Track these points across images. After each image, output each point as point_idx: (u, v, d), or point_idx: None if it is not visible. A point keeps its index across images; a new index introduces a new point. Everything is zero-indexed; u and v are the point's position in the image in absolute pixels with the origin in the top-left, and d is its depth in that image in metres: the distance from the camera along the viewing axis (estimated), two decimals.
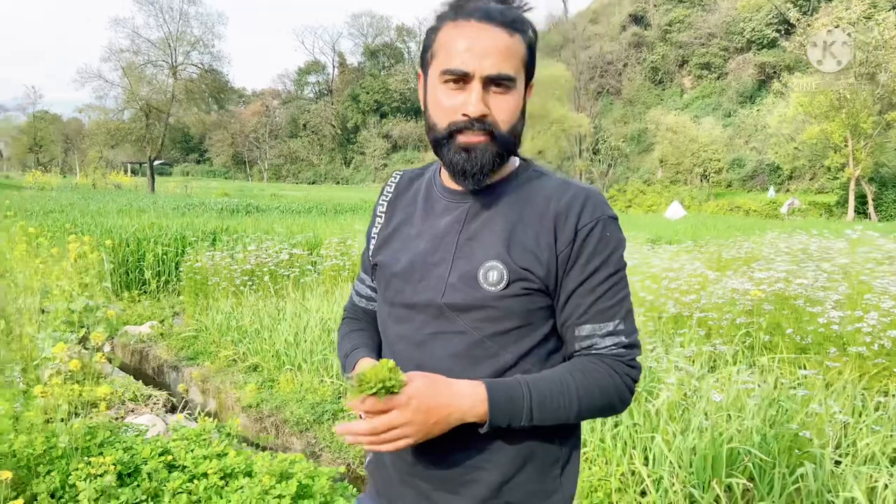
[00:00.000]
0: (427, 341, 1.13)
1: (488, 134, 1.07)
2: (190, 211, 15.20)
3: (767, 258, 5.99)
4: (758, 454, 2.98)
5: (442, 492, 1.14)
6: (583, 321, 1.11)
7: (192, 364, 5.31)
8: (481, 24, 1.05)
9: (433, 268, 1.14)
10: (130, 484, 3.01)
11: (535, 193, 1.15)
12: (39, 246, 5.75)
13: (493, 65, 1.05)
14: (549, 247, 1.10)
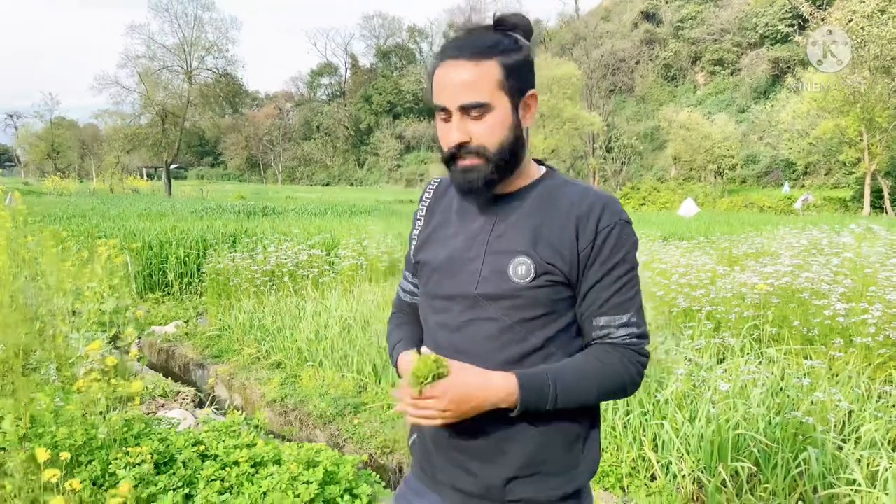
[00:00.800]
0: (463, 327, 1.29)
1: (479, 155, 1.23)
2: (208, 214, 15.46)
3: (776, 253, 6.09)
4: (763, 440, 3.10)
5: (476, 462, 1.29)
6: (600, 313, 1.26)
7: (217, 362, 5.50)
8: (451, 62, 1.22)
9: (468, 263, 1.30)
10: (166, 472, 3.19)
11: (559, 198, 1.30)
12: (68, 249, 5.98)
13: (463, 95, 1.20)
14: (572, 245, 1.24)
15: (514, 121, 1.25)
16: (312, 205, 22.82)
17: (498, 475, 1.28)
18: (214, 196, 32.18)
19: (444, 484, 1.35)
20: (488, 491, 1.29)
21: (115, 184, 37.01)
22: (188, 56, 36.73)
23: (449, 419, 1.17)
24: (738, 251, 7.44)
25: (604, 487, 3.19)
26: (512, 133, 1.25)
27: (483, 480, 1.29)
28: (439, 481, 1.36)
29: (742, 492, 3.01)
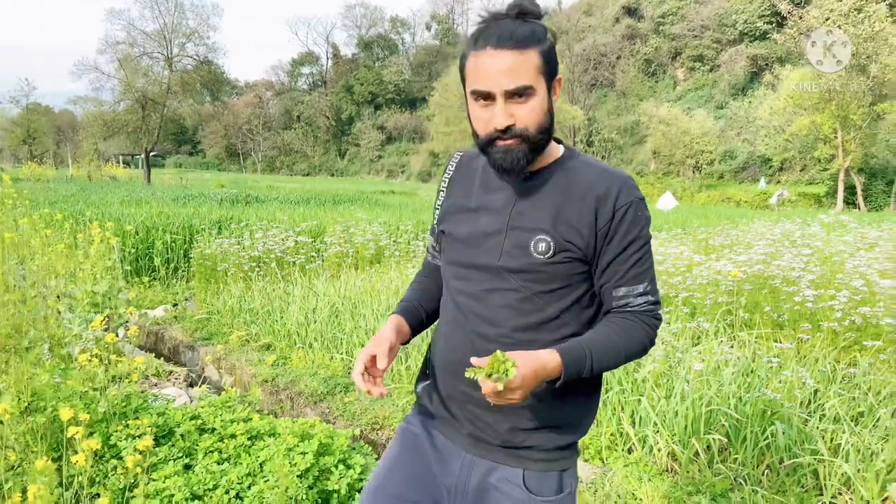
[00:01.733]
0: (483, 295, 1.43)
1: (519, 137, 1.35)
2: (191, 201, 15.43)
3: (749, 243, 6.31)
4: (734, 415, 3.30)
5: (490, 414, 1.44)
6: (619, 284, 1.39)
7: (207, 344, 5.60)
8: (496, 50, 1.30)
9: (491, 237, 1.42)
10: (166, 444, 3.31)
11: (579, 178, 1.40)
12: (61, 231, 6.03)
13: (509, 81, 1.30)
14: (590, 224, 1.36)
15: (549, 104, 1.37)
16: (295, 194, 22.80)
17: (509, 425, 1.44)
18: (194, 184, 31.96)
19: (456, 429, 1.51)
20: (497, 437, 1.45)
21: (92, 171, 36.52)
22: (168, 43, 36.34)
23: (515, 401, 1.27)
24: (715, 242, 7.68)
25: (584, 459, 3.37)
26: (548, 115, 1.37)
27: (495, 429, 1.44)
28: (451, 426, 1.52)
29: (713, 462, 3.21)
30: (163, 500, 2.79)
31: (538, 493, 1.44)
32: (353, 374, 1.44)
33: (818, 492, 2.98)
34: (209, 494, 2.85)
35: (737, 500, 2.91)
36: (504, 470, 1.45)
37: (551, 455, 1.45)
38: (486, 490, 1.47)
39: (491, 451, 1.47)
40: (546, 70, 1.34)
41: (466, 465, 1.49)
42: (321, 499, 2.95)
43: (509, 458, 1.45)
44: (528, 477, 1.44)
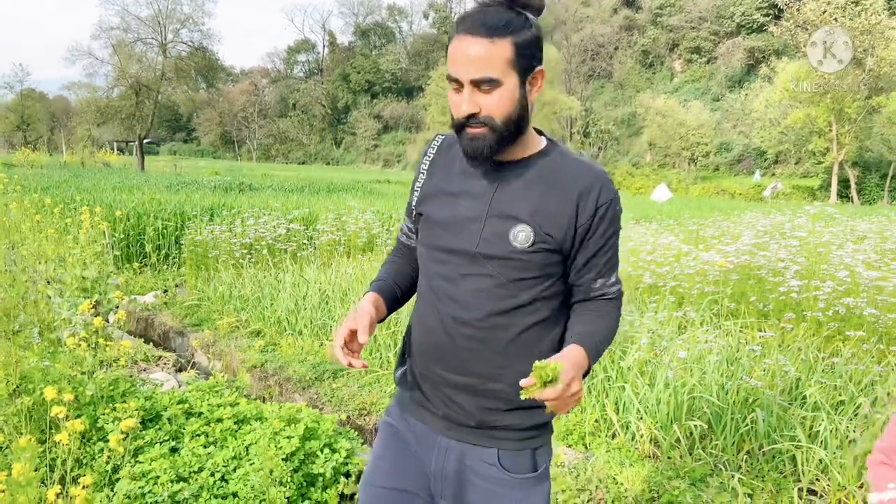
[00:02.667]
0: (460, 279, 1.45)
1: (485, 126, 1.36)
2: (183, 188, 15.40)
3: (738, 234, 6.35)
4: (715, 402, 3.34)
5: (463, 394, 1.47)
6: (598, 276, 1.46)
7: (197, 330, 5.62)
8: (468, 37, 1.31)
9: (469, 223, 1.44)
10: (153, 427, 3.34)
11: (560, 172, 1.43)
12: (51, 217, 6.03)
13: (475, 70, 1.30)
14: (571, 219, 1.40)
15: (520, 95, 1.37)
16: (289, 182, 22.76)
17: (482, 406, 1.46)
18: (188, 172, 31.85)
19: (432, 412, 1.54)
20: (471, 418, 1.48)
21: (86, 157, 36.33)
22: (163, 28, 36.07)
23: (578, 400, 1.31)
24: (705, 233, 7.71)
25: (567, 444, 3.41)
26: (518, 107, 1.37)
27: (468, 410, 1.47)
28: (427, 409, 1.55)
29: (694, 448, 3.25)
30: (148, 481, 2.81)
31: (514, 471, 1.47)
32: (333, 348, 1.46)
33: (796, 478, 3.02)
34: (194, 477, 2.88)
35: (715, 485, 2.95)
36: (479, 451, 1.48)
37: (525, 434, 1.48)
38: (464, 472, 1.50)
39: (465, 432, 1.49)
40: (519, 62, 1.34)
41: (443, 449, 1.52)
42: (306, 482, 2.98)
43: (483, 438, 1.48)
44: (502, 456, 1.47)
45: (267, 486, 2.76)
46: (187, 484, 2.81)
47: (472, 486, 1.50)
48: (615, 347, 3.98)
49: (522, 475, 1.48)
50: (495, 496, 1.48)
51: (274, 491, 2.71)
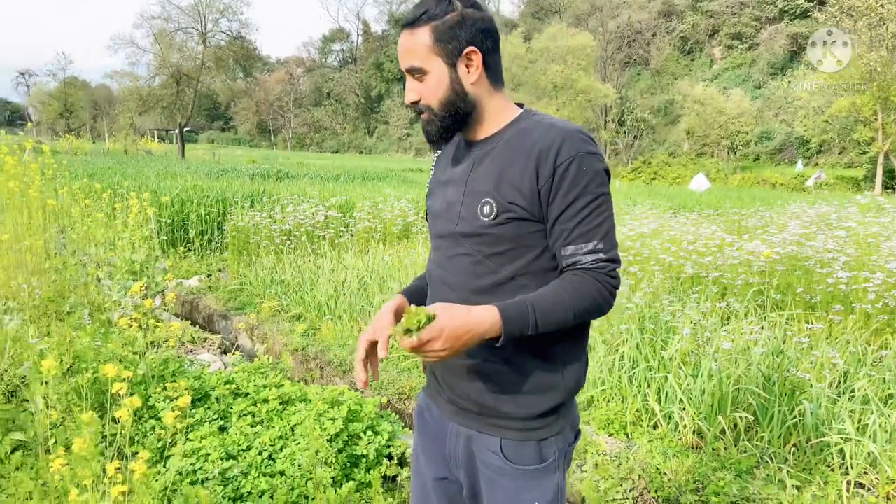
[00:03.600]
0: (447, 262, 1.47)
1: (428, 111, 1.42)
2: (223, 176, 15.64)
3: (783, 224, 6.23)
4: (761, 393, 3.30)
5: (463, 380, 1.47)
6: (567, 243, 1.34)
7: (240, 313, 5.73)
8: (402, 31, 1.41)
9: (453, 206, 1.47)
10: (202, 406, 3.42)
11: (526, 136, 1.39)
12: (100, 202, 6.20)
13: (404, 61, 1.40)
14: (532, 181, 1.34)
15: (450, 79, 1.39)
16: (325, 170, 22.95)
17: (480, 391, 1.45)
18: (226, 160, 32.34)
19: (441, 397, 1.55)
20: (473, 404, 1.47)
21: (128, 145, 37.11)
22: (203, 18, 36.58)
23: (449, 355, 1.25)
24: (748, 223, 7.58)
25: (609, 433, 3.40)
26: (451, 90, 1.39)
27: (469, 395, 1.46)
28: (438, 394, 1.57)
29: (739, 440, 3.22)
30: (199, 458, 2.89)
31: (516, 461, 1.44)
32: (355, 359, 1.48)
33: (844, 471, 2.97)
34: (243, 455, 2.95)
35: (762, 477, 2.92)
36: (484, 439, 1.47)
37: (528, 424, 1.44)
38: (472, 457, 1.50)
39: (470, 419, 1.49)
40: (441, 47, 1.36)
41: (454, 434, 1.53)
42: (350, 462, 3.03)
43: (487, 426, 1.46)
44: (505, 445, 1.44)
45: (313, 466, 2.81)
46: (236, 462, 2.88)
47: (479, 472, 1.50)
48: (656, 337, 3.95)
49: (525, 466, 1.44)
50: (496, 485, 1.46)
51: (320, 471, 2.76)
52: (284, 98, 78.88)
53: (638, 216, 7.05)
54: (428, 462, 1.62)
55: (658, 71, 56.02)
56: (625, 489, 2.95)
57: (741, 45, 52.08)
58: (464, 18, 1.36)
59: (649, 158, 41.96)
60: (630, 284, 4.60)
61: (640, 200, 11.86)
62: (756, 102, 43.93)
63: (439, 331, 1.21)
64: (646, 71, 57.21)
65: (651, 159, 41.51)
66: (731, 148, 40.56)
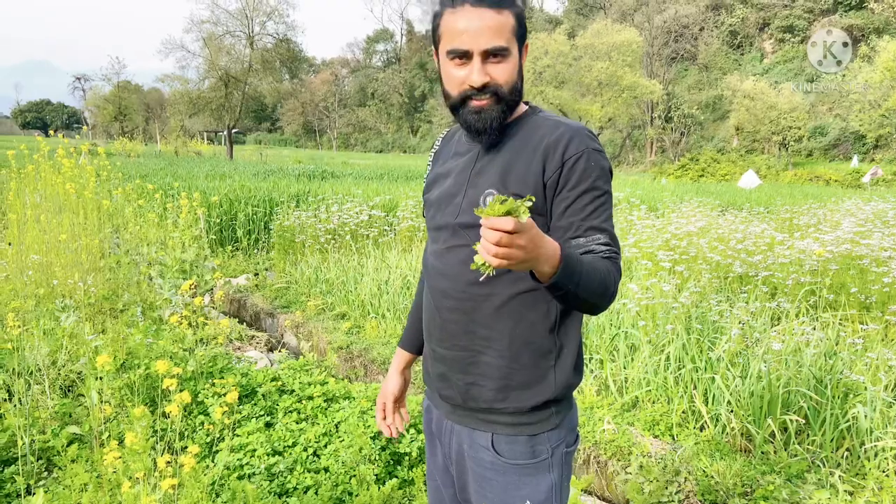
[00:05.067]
0: (444, 253, 1.46)
1: (493, 96, 1.37)
2: (270, 176, 15.93)
3: (837, 222, 6.04)
4: (813, 396, 3.21)
5: (455, 372, 1.47)
6: (576, 235, 1.32)
7: (286, 311, 5.83)
8: (473, 10, 1.32)
9: (453, 197, 1.46)
10: (249, 402, 3.50)
11: (533, 132, 1.40)
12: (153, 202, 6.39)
13: (487, 41, 1.31)
14: (538, 174, 1.34)
15: (520, 65, 1.40)
16: (368, 170, 23.15)
17: (472, 386, 1.44)
18: (273, 160, 32.91)
19: (438, 396, 1.55)
20: (465, 400, 1.46)
21: (179, 146, 38.13)
22: (250, 21, 37.25)
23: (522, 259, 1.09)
24: (799, 221, 7.37)
25: (654, 435, 3.35)
26: (519, 76, 1.40)
27: (460, 388, 1.46)
28: (435, 392, 1.56)
29: (790, 444, 3.14)
30: (246, 454, 2.95)
31: (507, 456, 1.43)
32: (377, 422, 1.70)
33: None
34: (288, 451, 3.01)
35: (813, 482, 2.84)
36: (476, 435, 1.46)
37: (519, 419, 1.43)
38: (463, 457, 1.50)
39: (462, 416, 1.49)
40: (519, 33, 1.37)
41: (448, 432, 1.54)
42: (393, 460, 3.05)
43: (479, 422, 1.46)
44: (496, 440, 1.44)
45: (357, 463, 2.85)
46: (282, 458, 2.93)
47: (470, 471, 1.49)
48: (703, 338, 3.87)
49: (516, 461, 1.43)
50: (486, 481, 1.45)
51: (363, 468, 2.79)
52: (329, 99, 79.81)
53: (685, 214, 6.92)
54: (433, 461, 1.64)
55: (706, 66, 54.82)
56: (671, 492, 2.90)
57: (793, 39, 50.57)
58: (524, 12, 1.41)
59: (697, 155, 41.07)
60: (676, 283, 4.52)
61: (688, 198, 11.64)
62: (809, 97, 42.62)
63: (530, 225, 1.07)
64: (693, 66, 56.05)
65: (699, 156, 40.63)
66: (782, 144, 39.43)
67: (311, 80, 79.99)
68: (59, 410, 3.27)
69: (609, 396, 3.74)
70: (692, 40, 55.94)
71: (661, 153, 48.42)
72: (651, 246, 5.13)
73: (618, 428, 3.36)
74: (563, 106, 38.09)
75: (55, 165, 5.51)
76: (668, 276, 4.49)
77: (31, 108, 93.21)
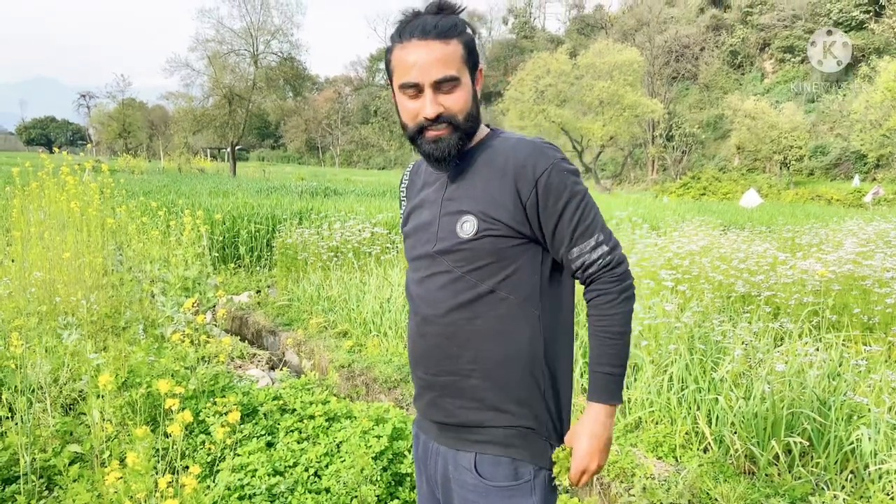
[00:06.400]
0: (425, 280, 1.49)
1: (449, 125, 1.41)
2: (273, 193, 15.98)
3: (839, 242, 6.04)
4: (817, 418, 3.19)
5: (446, 397, 1.49)
6: (571, 246, 1.41)
7: (288, 329, 5.83)
8: (421, 41, 1.36)
9: (429, 227, 1.50)
10: (250, 422, 3.48)
11: (497, 154, 1.44)
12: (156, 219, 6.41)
13: (437, 72, 1.36)
14: (514, 197, 1.39)
15: (473, 92, 1.44)
16: (371, 187, 23.21)
17: (460, 406, 1.46)
18: (276, 177, 33.02)
19: (427, 419, 1.57)
20: (453, 420, 1.48)
21: (182, 163, 38.28)
22: (254, 40, 37.51)
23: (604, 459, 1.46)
24: (801, 241, 7.37)
25: (657, 456, 3.33)
26: (474, 103, 1.44)
27: (448, 411, 1.48)
28: (424, 416, 1.59)
29: (794, 466, 3.12)
30: (247, 474, 2.94)
31: (489, 478, 1.44)
32: None
33: None
34: (289, 471, 2.99)
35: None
36: (459, 456, 1.48)
37: (503, 440, 1.45)
38: (448, 480, 1.52)
39: (449, 437, 1.50)
40: (469, 60, 1.41)
41: (433, 453, 1.56)
42: (394, 480, 3.04)
43: (465, 443, 1.47)
44: (479, 462, 1.45)
45: (359, 484, 2.83)
46: (283, 478, 2.92)
47: (455, 494, 1.50)
48: (706, 358, 3.86)
49: (498, 483, 1.44)
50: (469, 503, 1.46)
51: (365, 489, 2.78)
52: (333, 116, 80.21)
53: (687, 233, 6.92)
54: (420, 488, 1.66)
55: (707, 85, 55.10)
56: None
57: (793, 59, 50.83)
58: (474, 39, 1.45)
59: (698, 174, 41.16)
60: (679, 303, 4.51)
61: (689, 216, 11.65)
62: (810, 116, 42.77)
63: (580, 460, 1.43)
64: (694, 85, 56.34)
65: (700, 175, 40.72)
66: (783, 163, 39.51)
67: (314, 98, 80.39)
68: (60, 429, 3.26)
69: None
70: (693, 60, 56.30)
71: (662, 171, 48.53)
72: (653, 265, 5.13)
73: (621, 449, 3.34)
74: (565, 124, 38.26)
75: (59, 183, 5.53)
76: (670, 296, 4.48)
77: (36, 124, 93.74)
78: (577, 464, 1.41)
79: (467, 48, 1.41)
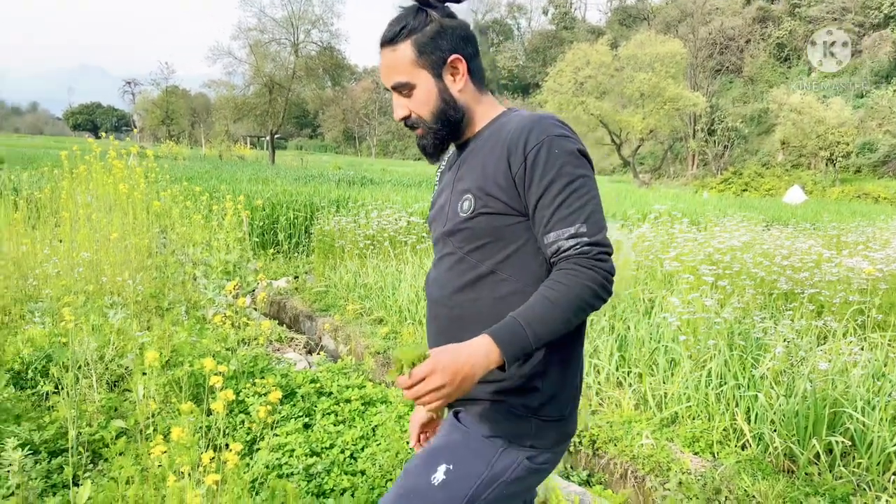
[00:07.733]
0: (438, 263, 1.51)
1: (420, 125, 1.44)
2: (311, 181, 16.16)
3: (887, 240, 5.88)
4: (860, 418, 3.12)
5: None
6: (548, 230, 1.29)
7: (325, 315, 5.90)
8: (382, 50, 1.41)
9: (444, 209, 1.50)
10: (288, 403, 3.55)
11: (500, 130, 1.41)
12: (199, 204, 6.54)
13: (391, 79, 1.41)
14: (505, 172, 1.33)
15: (439, 89, 1.41)
16: (407, 177, 23.31)
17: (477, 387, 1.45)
18: (313, 166, 33.36)
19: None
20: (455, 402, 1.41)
21: (223, 151, 38.92)
22: (295, 29, 37.86)
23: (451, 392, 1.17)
24: (847, 239, 7.19)
25: (694, 451, 3.30)
26: (441, 100, 1.41)
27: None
28: None
29: (835, 465, 3.06)
30: (285, 453, 2.99)
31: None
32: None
33: None
34: (326, 452, 3.04)
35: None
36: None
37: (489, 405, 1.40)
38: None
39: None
40: (425, 59, 1.38)
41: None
42: None
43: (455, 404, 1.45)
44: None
45: (393, 467, 2.86)
46: (320, 459, 2.97)
47: None
48: (747, 355, 3.80)
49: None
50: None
51: (399, 472, 2.81)
52: (370, 106, 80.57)
53: (728, 228, 6.80)
54: None
55: (752, 78, 53.89)
56: None
57: None
58: (443, 28, 1.39)
59: (740, 169, 40.32)
60: (719, 299, 4.45)
61: (731, 212, 11.45)
62: (858, 112, 41.54)
63: (430, 368, 1.15)
64: (738, 79, 55.16)
65: (742, 170, 39.88)
66: (829, 159, 38.50)
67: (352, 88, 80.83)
68: (105, 404, 3.36)
69: (647, 411, 3.70)
70: (738, 52, 55.09)
71: (702, 166, 47.69)
72: (693, 260, 5.06)
73: (656, 443, 3.32)
74: (604, 117, 37.80)
75: (106, 167, 5.68)
76: (710, 291, 4.42)
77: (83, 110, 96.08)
78: (424, 367, 1.15)
79: (419, 47, 1.38)
